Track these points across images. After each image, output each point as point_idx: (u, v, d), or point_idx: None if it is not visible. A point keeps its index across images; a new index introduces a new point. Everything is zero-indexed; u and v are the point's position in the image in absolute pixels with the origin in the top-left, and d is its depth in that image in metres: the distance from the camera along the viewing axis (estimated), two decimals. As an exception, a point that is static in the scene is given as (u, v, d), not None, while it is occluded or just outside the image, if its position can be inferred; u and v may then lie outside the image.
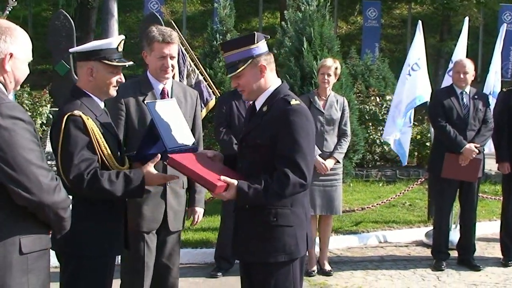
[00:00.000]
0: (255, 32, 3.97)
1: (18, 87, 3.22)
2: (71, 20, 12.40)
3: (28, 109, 12.02)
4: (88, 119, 3.76)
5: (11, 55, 3.04)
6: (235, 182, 3.68)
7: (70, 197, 3.18)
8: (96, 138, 3.77)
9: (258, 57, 3.85)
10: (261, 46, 3.89)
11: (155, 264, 4.79)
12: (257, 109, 3.98)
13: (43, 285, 3.14)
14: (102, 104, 4.03)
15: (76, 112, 3.76)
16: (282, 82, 3.99)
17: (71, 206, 3.16)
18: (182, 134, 4.10)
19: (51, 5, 21.76)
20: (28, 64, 3.23)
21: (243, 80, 3.90)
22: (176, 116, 4.17)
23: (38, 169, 2.93)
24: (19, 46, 3.09)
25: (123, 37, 4.11)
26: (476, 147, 7.24)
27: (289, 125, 3.73)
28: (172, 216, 4.76)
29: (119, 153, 3.99)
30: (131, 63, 4.07)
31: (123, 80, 4.05)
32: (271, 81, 3.93)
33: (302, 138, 3.72)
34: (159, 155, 3.86)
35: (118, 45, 3.97)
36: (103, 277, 3.95)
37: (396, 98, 8.77)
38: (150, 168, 3.83)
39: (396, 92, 8.91)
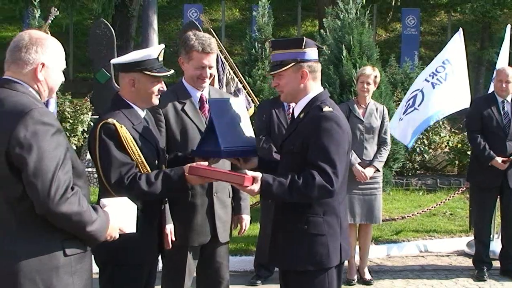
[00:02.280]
0: (305, 38, 3.95)
1: (54, 95, 3.29)
2: (112, 29, 12.55)
3: (69, 117, 12.17)
4: (121, 127, 3.79)
5: (42, 64, 3.12)
6: (259, 174, 3.69)
7: (93, 212, 3.09)
8: (129, 145, 3.80)
9: (302, 62, 3.84)
10: (308, 52, 3.87)
11: (204, 278, 4.74)
12: (295, 116, 3.98)
13: (85, 287, 3.19)
14: (142, 113, 4.05)
15: (110, 120, 3.80)
16: (323, 89, 3.98)
17: (96, 220, 3.09)
18: (240, 135, 4.07)
19: (92, 14, 22.02)
20: (63, 72, 3.30)
21: (282, 81, 3.91)
22: (238, 115, 4.14)
23: (53, 178, 2.92)
24: (50, 55, 3.16)
25: (163, 46, 4.13)
26: (504, 162, 7.14)
27: (318, 131, 3.72)
28: (221, 227, 4.65)
29: (156, 161, 4.00)
30: (172, 72, 4.07)
31: (165, 89, 4.08)
32: (312, 88, 3.92)
33: (331, 145, 3.69)
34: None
35: (159, 55, 3.99)
36: (138, 285, 3.97)
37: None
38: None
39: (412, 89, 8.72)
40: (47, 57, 3.13)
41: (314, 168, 3.67)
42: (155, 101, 4.04)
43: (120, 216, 3.36)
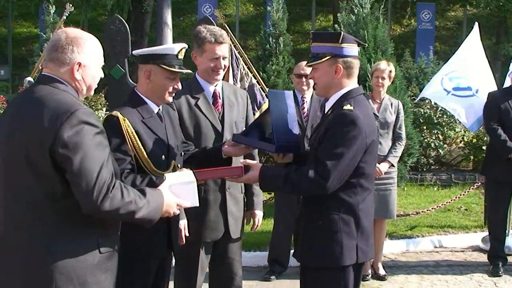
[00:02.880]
0: (343, 32, 3.92)
1: (92, 92, 3.31)
2: (126, 25, 12.57)
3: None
4: (124, 119, 3.80)
5: (79, 64, 3.17)
6: (259, 164, 3.75)
7: (139, 199, 3.15)
8: (130, 139, 3.81)
9: (337, 57, 3.81)
10: (346, 48, 3.83)
11: (217, 274, 4.75)
12: (325, 111, 3.98)
13: (114, 285, 3.26)
14: (156, 108, 4.05)
15: (115, 113, 3.84)
16: (357, 86, 3.94)
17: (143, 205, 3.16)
18: (293, 130, 4.10)
19: (106, 10, 22.07)
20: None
21: (317, 74, 3.90)
22: (291, 110, 4.16)
23: (97, 178, 2.98)
24: (86, 54, 3.20)
25: (185, 45, 4.12)
26: None
27: (332, 129, 3.70)
28: (233, 223, 4.67)
29: (164, 156, 3.98)
30: (188, 71, 4.08)
31: (180, 87, 4.09)
32: (346, 85, 3.88)
33: (340, 142, 3.65)
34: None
35: (179, 52, 4.00)
36: (145, 280, 3.97)
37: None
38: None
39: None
40: (83, 56, 3.18)
41: (317, 161, 3.67)
42: (169, 98, 4.05)
43: (179, 191, 3.44)
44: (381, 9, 10.52)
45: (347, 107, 3.74)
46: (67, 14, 8.34)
